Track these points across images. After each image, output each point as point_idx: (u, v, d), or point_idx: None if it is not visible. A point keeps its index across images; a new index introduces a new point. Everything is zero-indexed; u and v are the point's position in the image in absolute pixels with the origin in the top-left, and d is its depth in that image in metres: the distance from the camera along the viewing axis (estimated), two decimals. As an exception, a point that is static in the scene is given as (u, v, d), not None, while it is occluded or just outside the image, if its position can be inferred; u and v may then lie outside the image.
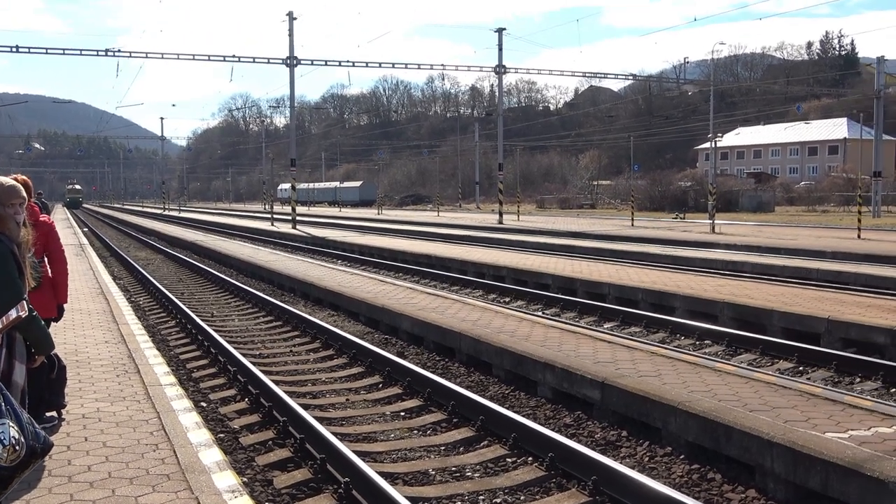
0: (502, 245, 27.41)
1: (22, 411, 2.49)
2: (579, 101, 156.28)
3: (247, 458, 6.86)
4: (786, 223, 38.69)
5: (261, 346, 11.93)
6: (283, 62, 41.86)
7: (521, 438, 6.83)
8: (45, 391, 6.46)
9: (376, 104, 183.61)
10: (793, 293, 13.64)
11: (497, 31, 43.41)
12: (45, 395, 6.45)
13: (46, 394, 6.49)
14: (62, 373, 6.80)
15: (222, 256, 26.23)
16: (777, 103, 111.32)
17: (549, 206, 76.78)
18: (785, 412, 6.52)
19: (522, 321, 11.54)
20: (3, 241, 4.47)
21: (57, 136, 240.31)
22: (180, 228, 46.59)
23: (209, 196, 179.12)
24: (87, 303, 13.77)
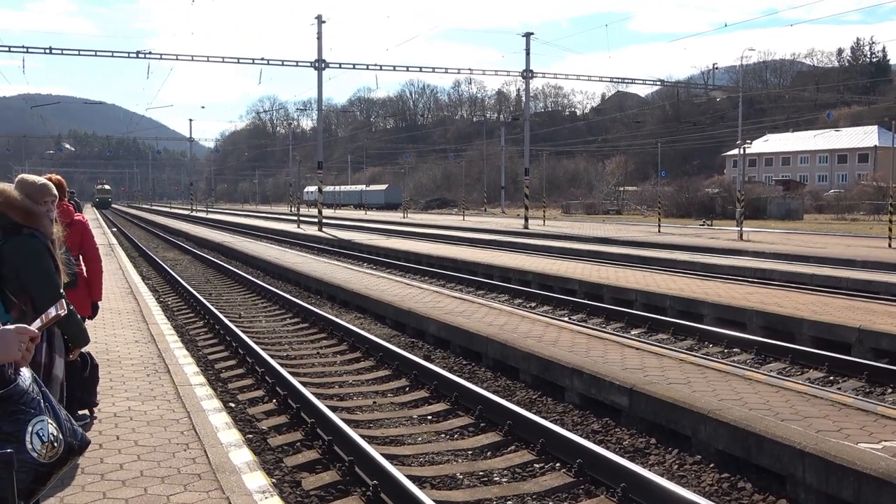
0: (528, 250, 27.37)
1: (60, 408, 2.52)
2: (606, 106, 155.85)
3: (275, 458, 6.90)
4: (815, 231, 38.31)
5: (288, 348, 11.99)
6: (312, 65, 42.08)
7: (548, 444, 6.81)
8: (78, 389, 6.53)
9: (403, 108, 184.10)
10: (822, 302, 13.51)
11: (525, 35, 43.38)
12: (77, 393, 6.52)
13: (79, 392, 6.56)
14: (94, 371, 6.88)
15: (249, 258, 26.39)
16: (806, 110, 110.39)
17: (575, 212, 76.55)
18: (816, 422, 6.46)
19: (549, 326, 11.51)
20: (39, 237, 4.53)
21: (87, 137, 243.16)
22: (207, 229, 46.93)
23: (236, 198, 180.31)
24: (117, 302, 13.90)
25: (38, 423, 2.36)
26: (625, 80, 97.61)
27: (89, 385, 6.77)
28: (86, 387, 6.73)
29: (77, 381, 6.44)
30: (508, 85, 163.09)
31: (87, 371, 6.66)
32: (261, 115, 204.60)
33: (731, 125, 76.97)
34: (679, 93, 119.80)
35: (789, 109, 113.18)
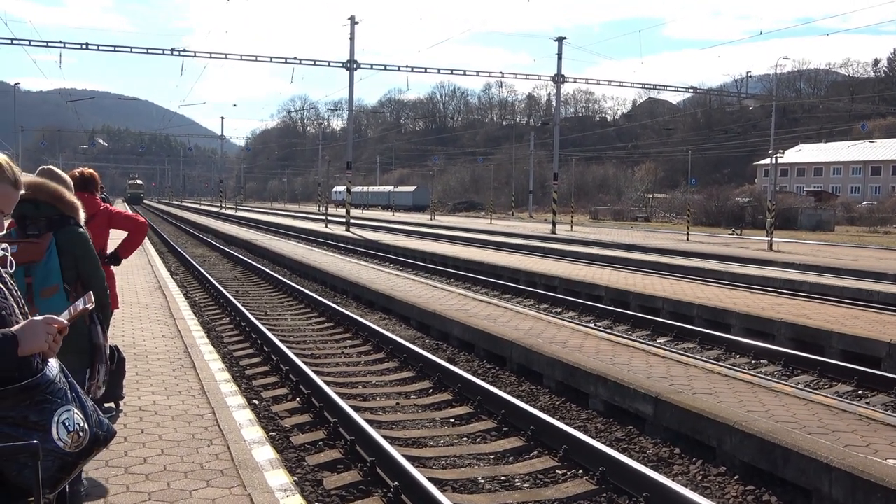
0: (555, 255, 27.27)
1: (87, 399, 2.54)
2: (637, 112, 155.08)
3: (297, 457, 6.92)
4: (846, 243, 37.86)
5: (313, 347, 12.03)
6: (343, 66, 42.24)
7: (571, 450, 6.77)
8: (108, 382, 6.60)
9: (433, 110, 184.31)
10: (853, 315, 13.33)
11: (557, 40, 43.28)
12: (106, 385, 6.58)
13: (109, 384, 6.62)
14: (121, 365, 6.94)
15: (276, 256, 26.53)
16: (840, 121, 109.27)
17: (603, 218, 76.23)
18: (844, 436, 6.37)
19: (574, 332, 11.46)
20: (83, 228, 4.67)
21: (120, 133, 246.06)
22: (236, 227, 47.24)
23: (265, 196, 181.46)
24: (145, 297, 14.03)
25: (64, 412, 2.38)
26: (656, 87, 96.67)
27: (116, 378, 6.83)
28: (112, 380, 6.78)
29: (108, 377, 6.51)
30: (539, 89, 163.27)
31: (114, 364, 6.71)
32: (292, 114, 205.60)
33: (764, 134, 76.36)
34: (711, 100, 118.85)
35: (823, 119, 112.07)
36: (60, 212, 4.53)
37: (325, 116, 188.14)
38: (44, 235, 4.49)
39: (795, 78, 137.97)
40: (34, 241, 4.48)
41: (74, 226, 4.60)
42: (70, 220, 4.58)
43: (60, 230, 4.54)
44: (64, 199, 4.55)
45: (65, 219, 4.55)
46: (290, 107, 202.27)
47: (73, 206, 4.59)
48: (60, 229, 4.53)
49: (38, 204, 4.45)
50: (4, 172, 2.59)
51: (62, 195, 4.54)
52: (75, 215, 4.60)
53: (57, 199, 4.51)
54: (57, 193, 4.51)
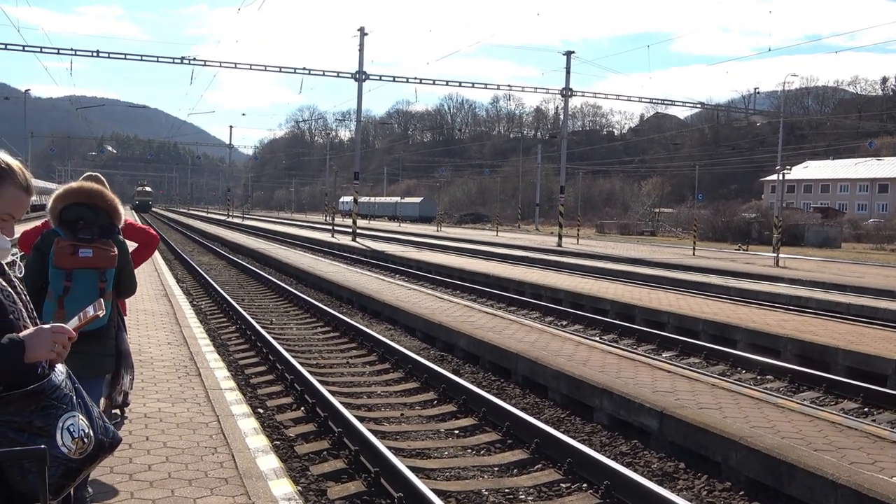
0: (561, 268, 27.25)
1: (93, 405, 2.53)
2: (644, 127, 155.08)
3: (302, 466, 6.92)
4: (853, 260, 37.74)
5: (318, 356, 12.03)
6: (352, 76, 42.36)
7: (575, 464, 6.76)
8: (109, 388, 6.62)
9: (440, 121, 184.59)
10: (859, 332, 13.30)
11: (565, 54, 43.36)
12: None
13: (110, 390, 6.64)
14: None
15: (283, 265, 26.56)
16: (848, 138, 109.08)
17: (609, 231, 76.14)
18: (850, 453, 6.35)
19: (580, 345, 11.45)
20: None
21: (129, 140, 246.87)
22: (243, 235, 47.32)
23: (272, 205, 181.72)
24: (151, 304, 14.06)
25: (69, 418, 2.37)
26: (664, 102, 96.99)
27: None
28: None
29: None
30: (547, 102, 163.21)
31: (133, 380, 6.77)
32: (300, 124, 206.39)
33: (771, 150, 76.30)
34: (719, 116, 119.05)
35: (830, 137, 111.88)
36: (112, 220, 4.67)
37: (333, 127, 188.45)
38: (107, 242, 4.63)
39: (803, 95, 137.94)
40: (110, 247, 4.62)
41: (118, 235, 4.75)
42: (116, 228, 4.72)
43: (113, 238, 4.70)
44: (119, 209, 4.74)
45: (114, 227, 4.70)
46: (298, 117, 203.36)
47: (121, 217, 4.77)
48: (112, 237, 4.68)
49: (98, 211, 4.63)
50: (17, 178, 2.60)
51: (117, 205, 4.76)
52: (119, 225, 4.76)
53: (113, 209, 4.70)
54: (114, 203, 4.73)
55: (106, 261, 4.62)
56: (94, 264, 4.57)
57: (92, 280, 4.58)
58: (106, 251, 4.60)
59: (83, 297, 4.44)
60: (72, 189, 4.62)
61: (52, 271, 4.50)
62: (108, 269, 4.64)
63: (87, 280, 4.56)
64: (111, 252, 4.62)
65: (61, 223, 4.58)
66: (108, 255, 4.61)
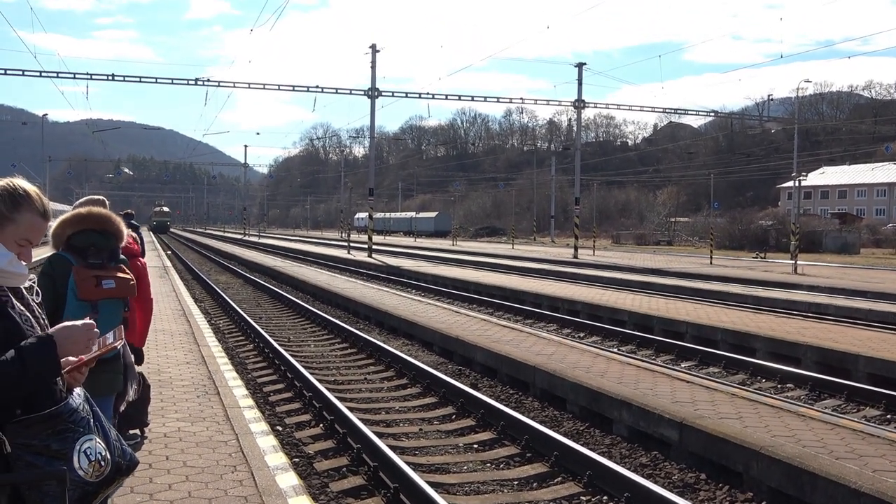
0: (577, 280, 27.19)
1: (110, 427, 2.55)
2: (658, 136, 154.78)
3: (321, 483, 6.92)
4: (872, 266, 37.46)
5: (336, 373, 12.05)
6: (365, 93, 42.57)
7: (595, 476, 6.73)
8: (130, 408, 6.63)
9: (454, 136, 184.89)
10: (880, 338, 13.18)
11: (577, 65, 43.41)
12: (129, 412, 6.62)
13: (131, 410, 6.66)
14: (146, 392, 6.98)
15: (299, 282, 26.63)
16: (864, 143, 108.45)
17: (625, 242, 75.95)
18: (873, 461, 6.29)
19: (598, 357, 11.41)
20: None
21: (146, 162, 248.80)
22: (259, 254, 47.50)
23: (288, 223, 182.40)
24: (170, 324, 14.12)
25: (86, 441, 2.38)
26: (677, 111, 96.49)
27: (142, 405, 6.87)
28: (138, 406, 6.82)
29: (132, 403, 6.56)
30: (560, 114, 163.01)
31: (140, 391, 6.76)
32: (314, 141, 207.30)
33: (787, 157, 76.02)
34: (733, 124, 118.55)
35: (846, 142, 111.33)
36: (118, 246, 4.63)
37: (347, 144, 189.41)
38: (120, 268, 4.61)
39: (817, 100, 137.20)
40: (128, 274, 4.61)
41: (123, 260, 4.72)
42: (120, 251, 4.68)
43: (123, 262, 4.68)
44: (124, 233, 4.66)
45: (119, 250, 4.66)
46: (312, 134, 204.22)
47: (124, 239, 4.72)
48: (120, 261, 4.65)
49: (108, 236, 4.55)
50: (34, 203, 2.62)
51: (123, 229, 4.65)
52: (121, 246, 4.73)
53: (120, 233, 4.62)
54: (121, 228, 4.63)
55: (128, 290, 4.60)
56: (118, 294, 4.54)
57: (117, 310, 4.56)
58: (127, 280, 4.59)
59: (108, 329, 4.43)
60: (81, 215, 4.55)
61: (77, 304, 4.41)
62: (128, 299, 4.65)
63: (111, 310, 4.52)
64: (131, 281, 4.61)
65: (69, 248, 4.54)
66: (129, 284, 4.60)
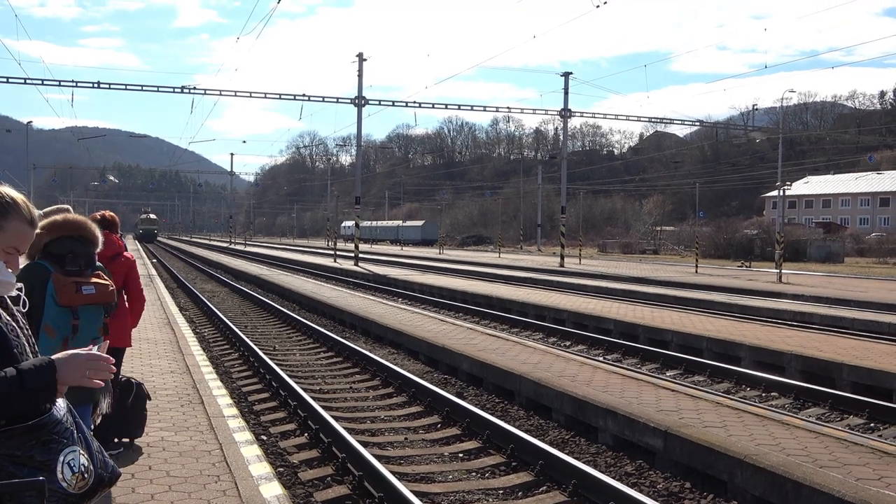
0: (563, 288, 27.24)
1: (93, 439, 2.53)
2: (644, 145, 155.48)
3: (305, 493, 6.88)
4: (856, 275, 37.70)
5: (321, 382, 12.01)
6: (352, 102, 42.55)
7: (581, 485, 6.72)
8: (122, 420, 6.62)
9: (441, 145, 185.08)
10: (864, 347, 13.26)
11: (563, 75, 43.52)
12: (120, 420, 6.62)
13: (123, 423, 6.65)
14: (143, 403, 6.96)
15: (285, 291, 26.56)
16: (848, 153, 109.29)
17: (612, 251, 76.15)
18: (856, 469, 6.32)
19: (583, 365, 11.42)
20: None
21: (131, 170, 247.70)
22: (245, 262, 47.36)
23: (274, 231, 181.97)
24: (154, 332, 14.05)
25: (70, 453, 2.37)
26: (663, 121, 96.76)
27: (136, 417, 6.86)
28: (131, 418, 6.82)
29: (121, 411, 6.54)
30: (546, 123, 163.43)
31: (130, 399, 6.75)
32: (300, 150, 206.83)
33: (771, 166, 76.46)
34: (718, 133, 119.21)
35: (830, 151, 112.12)
36: (94, 252, 4.62)
37: (334, 152, 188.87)
38: (99, 275, 4.61)
39: (802, 110, 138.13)
40: (107, 280, 4.60)
41: (100, 267, 4.71)
42: (96, 259, 4.67)
43: (100, 268, 4.67)
44: (100, 238, 4.64)
45: (95, 259, 4.65)
46: (299, 143, 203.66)
47: (99, 243, 4.70)
48: (97, 268, 4.64)
49: (85, 242, 4.53)
50: (21, 211, 2.60)
51: (99, 235, 4.63)
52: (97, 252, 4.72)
53: (97, 239, 4.60)
54: (96, 233, 4.61)
55: (108, 295, 4.61)
56: (98, 300, 4.54)
57: (97, 316, 4.56)
58: (106, 286, 4.60)
59: (88, 335, 4.43)
60: (57, 222, 4.54)
61: (58, 310, 4.42)
62: (109, 305, 4.64)
63: (92, 316, 4.54)
64: (110, 286, 4.62)
65: (46, 256, 4.51)
66: (108, 290, 4.61)
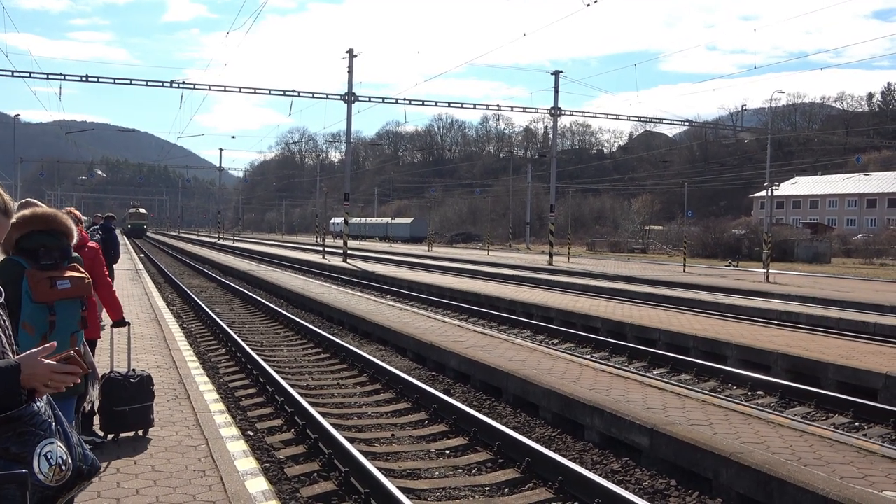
0: (552, 286, 27.27)
1: (72, 432, 2.50)
2: (633, 145, 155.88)
3: (291, 488, 6.88)
4: (842, 275, 37.88)
5: (308, 378, 11.99)
6: (342, 98, 42.47)
7: (567, 482, 6.74)
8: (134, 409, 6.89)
9: (430, 142, 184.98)
10: (849, 346, 13.33)
11: (553, 73, 43.51)
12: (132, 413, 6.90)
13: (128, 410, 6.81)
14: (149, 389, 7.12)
15: (273, 287, 26.51)
16: (836, 154, 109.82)
17: (600, 249, 76.26)
18: (840, 468, 6.35)
19: (571, 363, 11.44)
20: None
21: (119, 164, 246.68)
22: (233, 258, 47.22)
23: (263, 227, 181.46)
24: (140, 327, 13.99)
25: (47, 445, 2.34)
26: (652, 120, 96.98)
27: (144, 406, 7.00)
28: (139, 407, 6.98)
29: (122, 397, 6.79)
30: (536, 122, 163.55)
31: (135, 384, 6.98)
32: (290, 146, 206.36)
33: (760, 167, 76.77)
34: (707, 133, 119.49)
35: (818, 152, 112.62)
36: (69, 244, 4.60)
37: (324, 148, 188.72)
38: (74, 267, 4.60)
39: (790, 111, 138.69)
40: (82, 273, 4.60)
41: (76, 258, 4.70)
42: (71, 249, 4.66)
43: (76, 260, 4.67)
44: (73, 231, 4.62)
45: (70, 249, 4.64)
46: (288, 139, 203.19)
47: (73, 236, 4.68)
48: (72, 260, 4.63)
49: (57, 235, 4.51)
50: None
51: (72, 228, 4.60)
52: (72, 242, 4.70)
53: (69, 231, 4.57)
54: (68, 225, 4.57)
55: (84, 289, 4.58)
56: (73, 294, 4.52)
57: (74, 310, 4.55)
58: (82, 279, 4.58)
59: (67, 329, 4.42)
60: (26, 217, 4.47)
61: (33, 307, 4.39)
62: (85, 298, 4.62)
63: (68, 311, 4.53)
64: (87, 279, 4.61)
65: (19, 252, 4.48)
66: (84, 283, 4.59)
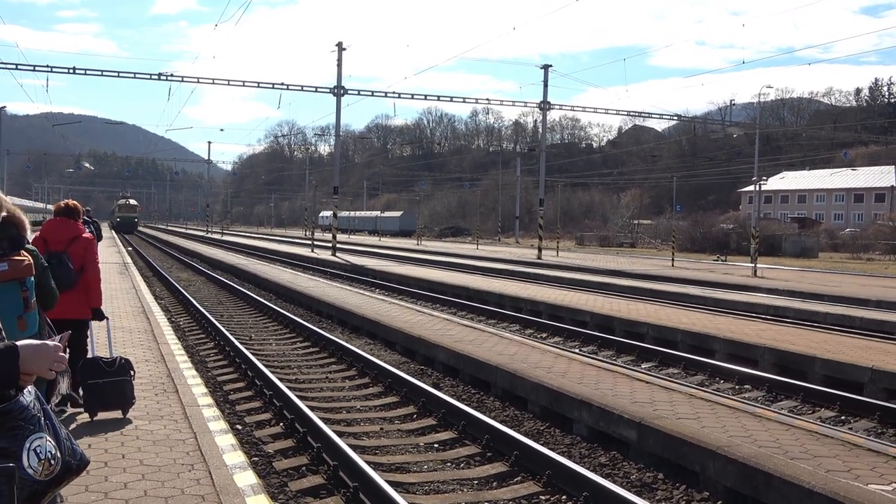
0: (540, 280, 27.32)
1: (61, 426, 2.51)
2: (622, 139, 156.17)
3: (280, 482, 6.88)
4: (829, 270, 38.09)
5: (297, 372, 11.98)
6: (331, 91, 42.40)
7: (555, 476, 6.76)
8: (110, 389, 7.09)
9: (420, 136, 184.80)
10: (836, 340, 13.41)
11: (543, 67, 43.56)
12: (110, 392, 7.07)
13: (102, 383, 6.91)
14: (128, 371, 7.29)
15: (262, 280, 26.45)
16: (823, 149, 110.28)
17: (589, 244, 76.44)
18: (826, 461, 6.40)
19: (559, 357, 11.47)
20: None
21: (107, 157, 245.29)
22: (222, 251, 47.09)
23: (251, 220, 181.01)
24: (128, 321, 13.95)
25: (36, 439, 2.34)
26: (641, 114, 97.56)
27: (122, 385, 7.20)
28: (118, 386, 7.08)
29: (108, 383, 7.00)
30: (525, 116, 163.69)
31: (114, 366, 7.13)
32: (279, 139, 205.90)
33: (748, 161, 77.00)
34: (696, 128, 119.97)
35: (806, 147, 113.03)
36: (19, 231, 4.76)
37: (313, 141, 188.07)
38: (19, 253, 4.74)
39: (778, 106, 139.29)
40: (23, 257, 4.72)
41: (27, 244, 4.87)
42: (25, 239, 4.82)
43: (26, 248, 4.80)
44: (21, 219, 4.78)
45: (23, 238, 4.79)
46: (277, 132, 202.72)
47: (25, 226, 4.83)
48: (23, 248, 4.78)
49: (7, 226, 4.68)
50: None
51: (20, 215, 4.78)
52: (26, 234, 4.86)
53: (17, 219, 4.75)
54: (17, 214, 4.75)
55: (23, 270, 4.76)
56: (11, 276, 4.72)
57: (14, 292, 4.74)
58: (21, 261, 4.75)
59: (10, 310, 4.59)
60: None
61: None
62: (28, 278, 4.77)
63: (9, 293, 4.70)
64: (26, 261, 4.80)
65: None
66: (23, 265, 4.76)
